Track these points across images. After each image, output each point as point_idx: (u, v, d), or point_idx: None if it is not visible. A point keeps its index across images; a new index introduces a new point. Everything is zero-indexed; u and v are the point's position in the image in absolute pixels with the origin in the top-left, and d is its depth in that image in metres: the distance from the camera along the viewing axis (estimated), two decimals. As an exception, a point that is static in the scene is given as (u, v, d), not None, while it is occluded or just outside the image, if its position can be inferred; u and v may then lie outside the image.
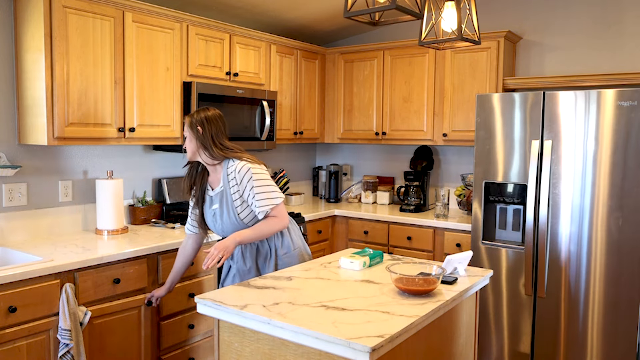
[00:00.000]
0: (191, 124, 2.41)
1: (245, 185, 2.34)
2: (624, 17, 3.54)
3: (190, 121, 2.42)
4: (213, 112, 2.46)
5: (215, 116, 2.45)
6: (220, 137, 2.43)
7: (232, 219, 2.39)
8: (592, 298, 2.98)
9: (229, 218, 2.40)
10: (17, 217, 2.83)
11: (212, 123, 2.42)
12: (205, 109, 2.46)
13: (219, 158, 2.40)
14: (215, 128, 2.42)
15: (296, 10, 3.89)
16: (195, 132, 2.40)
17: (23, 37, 2.71)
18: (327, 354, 1.57)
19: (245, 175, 2.35)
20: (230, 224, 2.40)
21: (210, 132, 2.40)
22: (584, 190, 2.98)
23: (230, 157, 2.40)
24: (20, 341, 2.25)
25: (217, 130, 2.43)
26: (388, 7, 1.84)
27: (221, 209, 2.41)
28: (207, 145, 2.39)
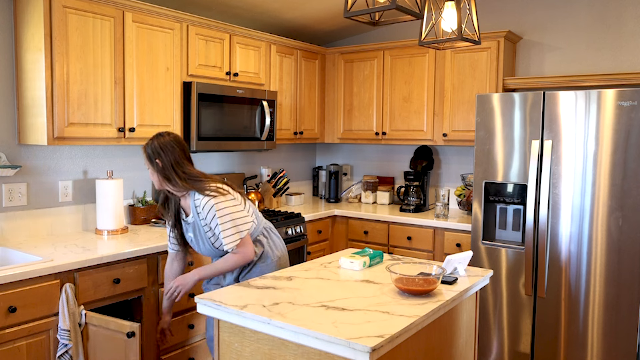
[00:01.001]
0: (149, 157, 2.30)
1: (211, 221, 2.27)
2: (624, 17, 3.54)
3: (147, 154, 2.31)
4: (168, 138, 2.32)
5: (171, 143, 2.31)
6: (181, 164, 2.30)
7: (207, 247, 2.38)
8: (592, 298, 2.98)
9: (204, 246, 2.38)
10: (17, 217, 2.83)
11: (168, 152, 2.29)
12: (160, 136, 2.33)
13: (183, 190, 2.31)
14: (173, 156, 2.29)
15: (296, 10, 3.89)
16: (155, 166, 2.30)
17: (23, 37, 2.71)
18: (327, 354, 1.57)
19: (209, 212, 2.26)
20: (206, 250, 2.40)
21: (169, 162, 2.28)
22: (584, 190, 2.98)
23: (195, 189, 2.28)
24: (20, 341, 2.25)
25: (176, 158, 2.29)
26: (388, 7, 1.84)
27: (196, 238, 2.39)
28: (170, 178, 2.28)
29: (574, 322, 3.03)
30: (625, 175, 2.87)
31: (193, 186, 2.28)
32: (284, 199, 4.43)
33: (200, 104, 3.25)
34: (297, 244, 3.63)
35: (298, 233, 3.65)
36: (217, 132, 3.40)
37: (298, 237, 3.65)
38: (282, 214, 3.73)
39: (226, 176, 3.91)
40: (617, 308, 2.91)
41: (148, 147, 2.31)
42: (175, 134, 2.38)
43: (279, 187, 4.18)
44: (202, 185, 2.29)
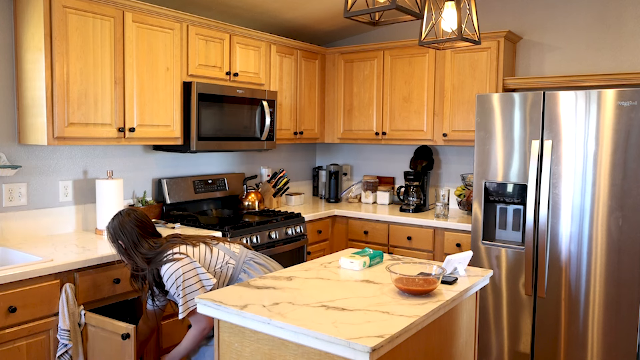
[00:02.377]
0: (112, 239, 2.28)
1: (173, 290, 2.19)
2: (624, 17, 3.54)
3: (110, 235, 2.28)
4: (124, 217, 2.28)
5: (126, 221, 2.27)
6: (140, 244, 2.25)
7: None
8: (592, 298, 2.98)
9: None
10: (17, 217, 2.83)
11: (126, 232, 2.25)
12: (118, 215, 2.30)
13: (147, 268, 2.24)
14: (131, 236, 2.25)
15: (296, 10, 3.89)
16: (118, 247, 2.28)
17: (23, 37, 2.71)
18: (327, 354, 1.57)
19: (168, 280, 2.19)
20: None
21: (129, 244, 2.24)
22: (584, 190, 2.98)
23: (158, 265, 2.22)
24: (20, 341, 2.25)
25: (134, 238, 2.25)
26: (388, 7, 1.84)
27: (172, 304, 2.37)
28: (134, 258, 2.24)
29: (574, 322, 3.03)
30: (625, 175, 2.87)
31: (154, 264, 2.23)
32: (284, 199, 4.43)
33: (200, 104, 3.25)
34: (297, 244, 3.63)
35: (298, 233, 3.65)
36: (217, 132, 3.40)
37: (298, 237, 3.65)
38: (282, 214, 3.73)
39: (226, 176, 3.92)
40: (617, 308, 2.91)
41: (110, 228, 2.29)
42: (136, 211, 2.33)
43: (279, 187, 4.18)
44: (160, 258, 2.22)
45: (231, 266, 2.35)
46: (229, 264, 2.35)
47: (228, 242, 2.45)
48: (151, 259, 2.24)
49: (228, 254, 2.38)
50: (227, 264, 2.34)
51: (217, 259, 2.34)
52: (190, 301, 2.17)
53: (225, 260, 2.35)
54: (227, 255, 2.37)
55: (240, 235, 3.21)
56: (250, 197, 3.89)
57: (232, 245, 2.45)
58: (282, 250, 3.47)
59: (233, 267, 2.35)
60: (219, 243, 2.41)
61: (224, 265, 2.33)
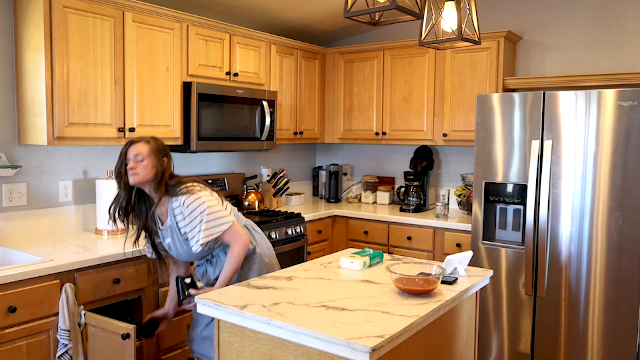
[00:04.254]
0: (155, 152, 2.26)
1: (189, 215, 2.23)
2: (624, 17, 3.54)
3: (157, 147, 2.28)
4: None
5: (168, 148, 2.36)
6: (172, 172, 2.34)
7: (186, 251, 2.35)
8: (592, 298, 2.98)
9: (183, 250, 2.35)
10: (17, 217, 2.83)
11: (170, 156, 2.34)
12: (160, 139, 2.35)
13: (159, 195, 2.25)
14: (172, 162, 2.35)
15: (296, 10, 3.89)
16: (160, 162, 2.26)
17: (23, 37, 2.71)
18: (327, 354, 1.57)
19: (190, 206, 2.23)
20: (185, 254, 2.37)
21: (171, 166, 2.32)
22: (584, 190, 2.98)
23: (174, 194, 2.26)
24: (20, 341, 2.25)
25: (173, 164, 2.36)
26: (388, 7, 1.84)
27: (174, 243, 2.35)
28: (162, 179, 2.26)
29: (574, 322, 3.03)
30: (625, 175, 2.87)
31: (169, 192, 2.27)
32: (284, 199, 4.43)
33: (200, 104, 3.25)
34: (297, 244, 3.63)
35: (298, 233, 3.65)
36: (217, 132, 3.40)
37: (298, 237, 3.65)
38: (282, 214, 3.73)
39: (226, 176, 3.91)
40: (617, 308, 2.91)
41: (156, 141, 2.29)
42: None
43: (279, 187, 4.18)
44: (177, 189, 2.27)
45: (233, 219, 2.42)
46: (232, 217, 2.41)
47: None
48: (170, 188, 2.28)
49: (232, 212, 2.47)
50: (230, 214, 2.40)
51: (225, 208, 2.40)
52: (219, 226, 2.26)
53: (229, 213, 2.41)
54: (231, 212, 2.45)
55: (240, 235, 3.21)
56: (250, 197, 3.89)
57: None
58: (282, 250, 3.47)
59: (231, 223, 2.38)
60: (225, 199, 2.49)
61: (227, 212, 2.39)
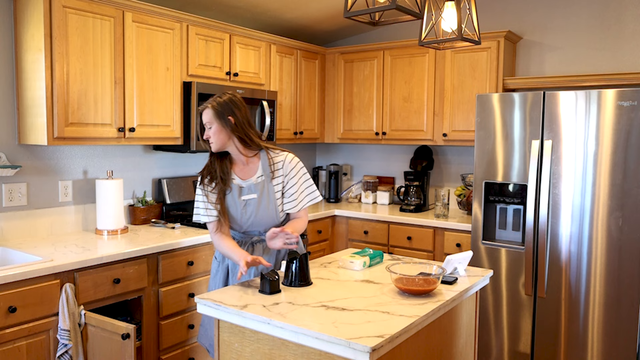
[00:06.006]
0: (218, 114, 2.17)
1: (293, 176, 2.28)
2: (624, 17, 3.54)
3: (216, 110, 2.18)
4: (238, 96, 2.24)
5: (241, 100, 2.24)
6: (252, 123, 2.25)
7: (270, 210, 2.25)
8: (592, 298, 2.98)
9: (267, 209, 2.24)
10: (17, 217, 2.83)
11: (240, 108, 2.21)
12: (225, 93, 2.24)
13: (256, 149, 2.25)
14: (246, 113, 2.21)
15: (296, 10, 3.89)
16: (226, 122, 2.17)
17: (23, 37, 2.71)
18: (327, 354, 1.57)
19: (295, 167, 2.30)
20: (266, 215, 2.25)
21: (243, 119, 2.20)
22: (584, 190, 2.98)
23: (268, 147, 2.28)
24: (20, 341, 2.25)
25: (248, 116, 2.23)
26: (388, 7, 1.84)
27: (260, 198, 2.24)
28: (243, 134, 2.19)
29: (574, 322, 3.03)
30: (625, 175, 2.87)
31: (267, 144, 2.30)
32: (284, 199, 4.42)
33: (200, 104, 3.25)
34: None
35: (298, 233, 3.65)
36: (217, 132, 3.39)
37: (298, 237, 3.65)
38: (282, 214, 3.72)
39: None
40: (617, 308, 2.91)
41: (217, 103, 2.19)
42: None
43: (279, 187, 4.18)
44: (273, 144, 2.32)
45: None
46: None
47: None
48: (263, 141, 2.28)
49: None
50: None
51: None
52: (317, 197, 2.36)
53: None
54: None
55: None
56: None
57: None
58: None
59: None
60: None
61: None
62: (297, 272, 2.02)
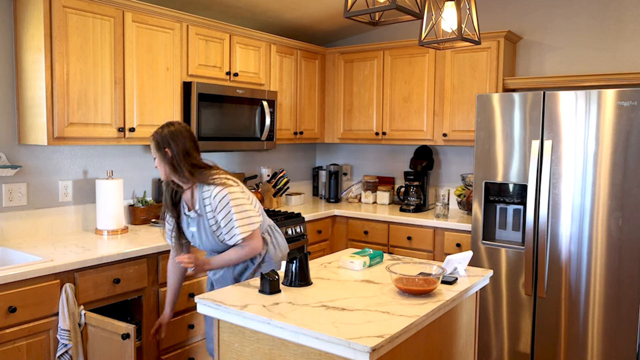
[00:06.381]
0: (157, 146, 2.23)
1: (220, 211, 2.23)
2: (624, 17, 3.54)
3: (156, 142, 2.23)
4: (179, 127, 2.26)
5: (182, 131, 2.25)
6: (190, 155, 2.24)
7: (211, 242, 2.34)
8: (592, 298, 2.98)
9: (207, 240, 2.34)
10: (17, 217, 2.83)
11: (179, 141, 2.22)
12: (171, 124, 2.27)
13: (189, 182, 2.25)
14: (183, 146, 2.22)
15: (296, 10, 3.89)
16: (163, 154, 2.23)
17: (23, 37, 2.71)
18: (327, 354, 1.57)
19: (221, 202, 2.22)
20: (209, 244, 2.36)
21: (179, 152, 2.21)
22: (584, 190, 2.98)
23: (204, 181, 2.24)
24: (20, 341, 2.25)
25: (186, 147, 2.23)
26: (388, 7, 1.84)
27: (199, 232, 2.34)
28: (178, 168, 2.22)
29: (574, 322, 3.03)
30: (625, 175, 2.87)
31: (200, 178, 2.24)
32: (284, 199, 4.43)
33: (200, 104, 3.25)
34: (297, 244, 3.63)
35: (298, 233, 3.65)
36: (217, 132, 3.40)
37: (298, 237, 3.65)
38: (282, 214, 3.73)
39: (226, 176, 3.91)
40: (617, 308, 2.91)
41: (158, 134, 2.24)
42: (185, 124, 2.33)
43: (279, 187, 4.18)
44: (210, 176, 2.25)
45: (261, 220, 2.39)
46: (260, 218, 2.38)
47: None
48: (200, 174, 2.24)
49: (260, 209, 2.44)
50: (259, 215, 2.37)
51: (254, 206, 2.38)
52: (249, 225, 2.24)
53: (258, 207, 2.40)
54: (259, 210, 2.43)
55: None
56: (250, 197, 3.89)
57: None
58: (282, 250, 3.47)
59: (260, 224, 2.37)
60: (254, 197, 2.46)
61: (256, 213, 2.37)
62: (297, 272, 2.03)
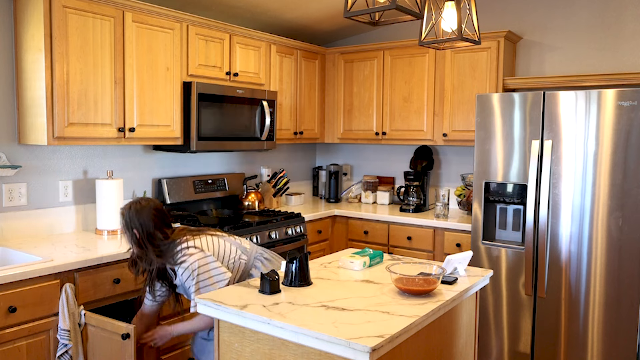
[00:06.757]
0: (126, 226, 2.19)
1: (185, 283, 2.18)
2: (624, 17, 3.54)
3: (125, 222, 2.20)
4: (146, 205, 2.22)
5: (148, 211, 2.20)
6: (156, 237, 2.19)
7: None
8: (592, 298, 2.98)
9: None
10: (17, 217, 2.83)
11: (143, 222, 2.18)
12: (138, 203, 2.22)
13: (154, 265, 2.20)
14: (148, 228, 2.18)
15: (296, 10, 3.89)
16: (131, 236, 2.19)
17: (23, 37, 2.71)
18: (327, 354, 1.57)
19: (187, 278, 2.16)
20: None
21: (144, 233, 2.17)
22: (584, 190, 2.98)
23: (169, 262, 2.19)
24: (20, 341, 2.25)
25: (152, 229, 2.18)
26: (388, 7, 1.84)
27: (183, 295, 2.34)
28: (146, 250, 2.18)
29: (574, 322, 3.03)
30: (625, 175, 2.87)
31: (166, 258, 2.19)
32: (284, 199, 4.43)
33: (200, 104, 3.25)
34: (297, 244, 3.63)
35: (298, 233, 3.65)
36: (217, 132, 3.40)
37: (298, 237, 3.65)
38: (282, 214, 3.73)
39: (226, 176, 3.91)
40: (617, 308, 2.91)
41: (127, 214, 2.20)
42: (154, 200, 2.28)
43: (279, 187, 4.18)
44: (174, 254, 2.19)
45: (243, 261, 2.36)
46: (242, 259, 2.36)
47: (237, 238, 2.46)
48: (163, 252, 2.19)
49: (240, 249, 2.39)
50: (239, 259, 2.35)
51: (230, 254, 2.34)
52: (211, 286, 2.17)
53: (238, 255, 2.36)
54: (239, 250, 2.38)
55: (240, 235, 3.21)
56: (250, 197, 3.89)
57: (242, 240, 2.46)
58: (282, 250, 3.47)
59: (245, 263, 2.36)
60: (230, 237, 2.41)
61: (236, 260, 2.34)
62: (297, 272, 2.03)
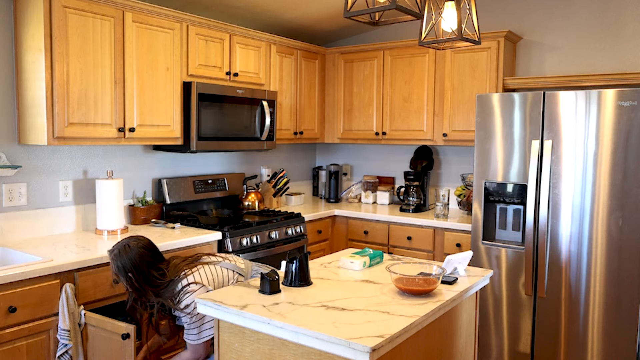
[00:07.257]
0: (120, 271, 2.14)
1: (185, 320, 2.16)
2: (624, 17, 3.54)
3: (117, 267, 2.14)
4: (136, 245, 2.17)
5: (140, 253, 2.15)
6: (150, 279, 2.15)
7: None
8: (592, 298, 2.98)
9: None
10: (17, 217, 2.83)
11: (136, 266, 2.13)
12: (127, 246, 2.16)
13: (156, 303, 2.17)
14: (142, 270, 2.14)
15: (296, 10, 3.89)
16: (127, 280, 2.15)
17: (23, 37, 2.71)
18: (327, 354, 1.57)
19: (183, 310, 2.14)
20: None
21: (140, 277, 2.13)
22: (584, 190, 2.98)
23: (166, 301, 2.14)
24: (20, 341, 2.25)
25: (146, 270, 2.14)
26: (388, 7, 1.84)
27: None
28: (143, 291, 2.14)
29: (574, 322, 3.03)
30: (625, 175, 2.87)
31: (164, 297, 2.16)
32: (284, 199, 4.43)
33: (200, 104, 3.25)
34: (297, 244, 3.63)
35: (298, 233, 3.65)
36: (217, 132, 3.40)
37: (298, 237, 3.65)
38: (282, 214, 3.73)
39: (226, 176, 3.91)
40: (617, 308, 2.91)
41: (118, 259, 2.15)
42: (141, 239, 2.23)
43: (279, 187, 4.18)
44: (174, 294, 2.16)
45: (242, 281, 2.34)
46: (240, 281, 2.34)
47: (231, 259, 2.43)
48: (162, 292, 2.16)
49: (236, 271, 2.37)
50: (237, 281, 2.33)
51: (229, 280, 2.32)
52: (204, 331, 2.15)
53: (235, 278, 2.34)
54: (235, 273, 2.36)
55: (240, 236, 3.21)
56: (250, 197, 3.89)
57: (237, 260, 2.43)
58: (282, 251, 3.47)
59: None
60: (224, 261, 2.37)
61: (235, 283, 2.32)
62: (297, 272, 2.03)
